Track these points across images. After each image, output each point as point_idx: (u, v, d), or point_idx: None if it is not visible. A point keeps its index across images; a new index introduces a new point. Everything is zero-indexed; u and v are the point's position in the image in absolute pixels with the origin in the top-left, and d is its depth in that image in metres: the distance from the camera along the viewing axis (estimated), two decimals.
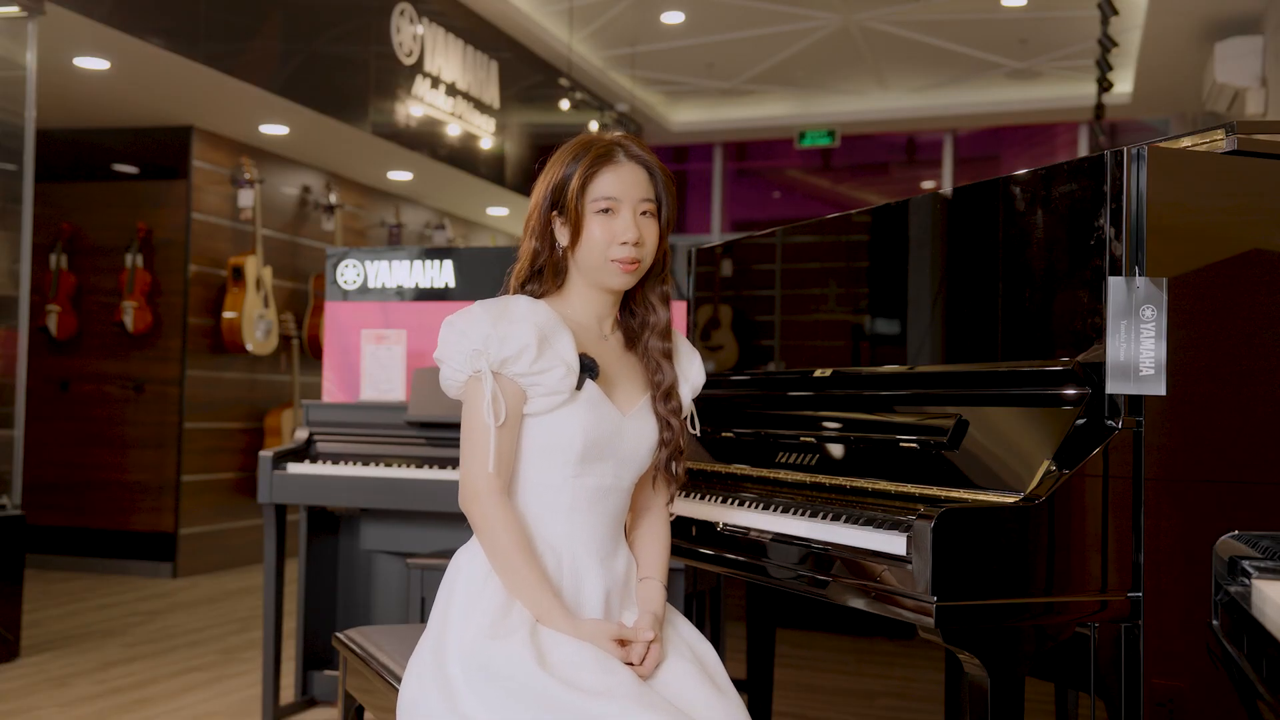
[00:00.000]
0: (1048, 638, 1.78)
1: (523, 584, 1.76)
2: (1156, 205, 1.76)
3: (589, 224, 1.83)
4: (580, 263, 1.86)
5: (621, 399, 1.88)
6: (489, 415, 1.75)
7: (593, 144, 1.87)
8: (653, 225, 1.86)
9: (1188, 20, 6.81)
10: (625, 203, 1.83)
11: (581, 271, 1.87)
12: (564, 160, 1.86)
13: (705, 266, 2.95)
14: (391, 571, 3.80)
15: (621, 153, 1.86)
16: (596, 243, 1.82)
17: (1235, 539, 1.56)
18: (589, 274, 1.86)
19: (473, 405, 1.79)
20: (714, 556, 2.14)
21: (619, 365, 1.91)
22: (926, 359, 2.19)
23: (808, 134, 10.09)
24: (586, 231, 1.83)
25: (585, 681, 1.66)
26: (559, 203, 1.85)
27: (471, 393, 1.79)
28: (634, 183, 1.85)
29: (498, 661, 1.68)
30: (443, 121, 7.64)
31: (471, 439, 1.79)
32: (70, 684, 4.04)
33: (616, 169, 1.84)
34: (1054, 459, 1.74)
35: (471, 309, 1.82)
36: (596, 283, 1.87)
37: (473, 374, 1.78)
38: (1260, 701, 1.24)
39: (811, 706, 2.60)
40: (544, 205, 1.87)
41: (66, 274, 6.56)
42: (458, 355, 1.78)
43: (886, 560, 1.71)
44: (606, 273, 1.84)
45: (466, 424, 1.80)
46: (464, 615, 1.76)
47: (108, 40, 5.13)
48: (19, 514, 4.48)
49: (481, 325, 1.77)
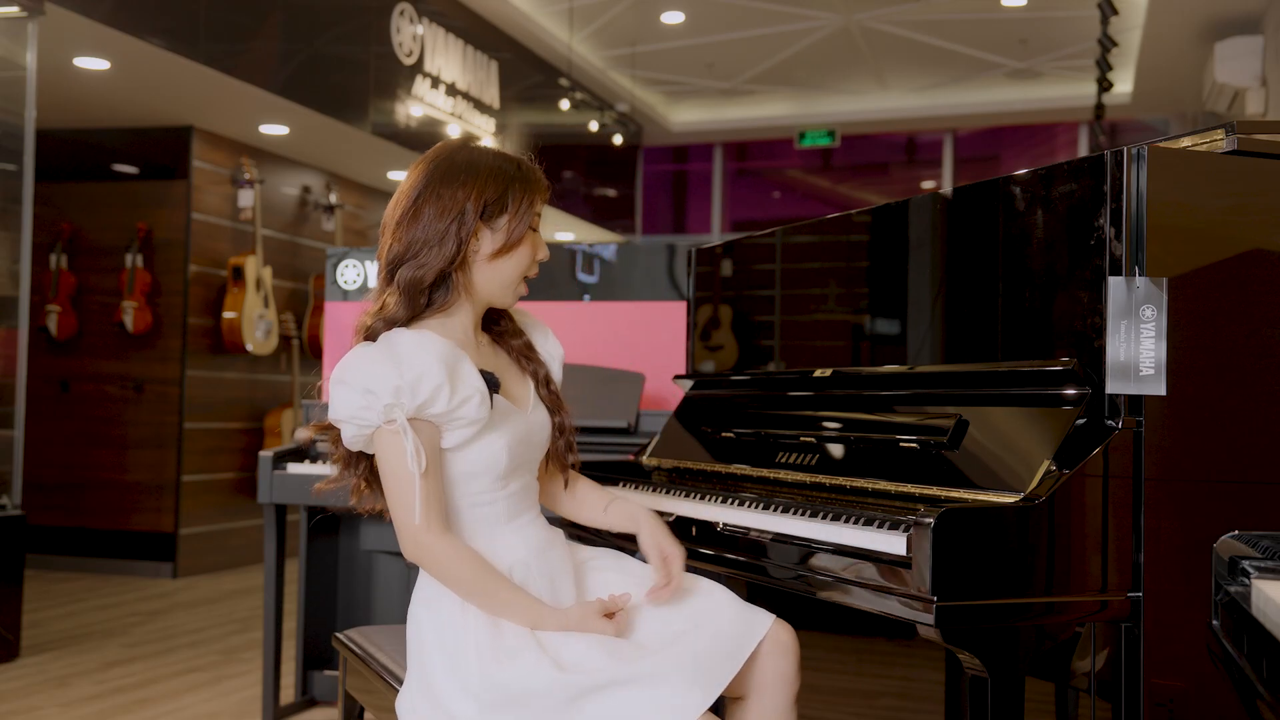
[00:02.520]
0: (1048, 638, 1.78)
1: (504, 603, 1.74)
2: (1156, 205, 1.76)
3: (525, 243, 1.81)
4: (485, 277, 1.80)
5: (516, 396, 1.88)
6: (414, 465, 1.68)
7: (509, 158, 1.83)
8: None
9: (1188, 20, 6.81)
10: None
11: (479, 287, 1.81)
12: (508, 175, 1.80)
13: (705, 266, 2.95)
14: (391, 571, 3.80)
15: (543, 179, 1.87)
16: (522, 261, 1.81)
17: (1235, 539, 1.56)
18: (489, 291, 1.82)
19: (392, 455, 1.70)
20: (714, 556, 2.14)
21: (498, 364, 1.90)
22: (926, 359, 2.19)
23: (808, 134, 10.09)
24: (519, 250, 1.80)
25: (600, 669, 1.68)
26: (493, 214, 1.78)
27: (387, 445, 1.70)
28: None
29: (518, 684, 1.66)
30: (443, 121, 7.64)
31: (399, 489, 1.71)
32: (70, 684, 4.04)
33: (542, 194, 1.85)
34: (1054, 459, 1.74)
35: (359, 360, 1.71)
36: (491, 300, 1.84)
37: (384, 425, 1.69)
38: (1260, 701, 1.24)
39: (811, 706, 2.60)
40: (472, 210, 1.76)
41: (66, 274, 6.57)
42: (368, 411, 1.68)
43: (887, 560, 1.71)
44: (509, 293, 1.83)
45: (390, 475, 1.71)
46: (454, 658, 1.73)
47: (108, 40, 5.13)
48: (19, 514, 4.48)
49: (386, 376, 1.67)
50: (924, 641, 1.80)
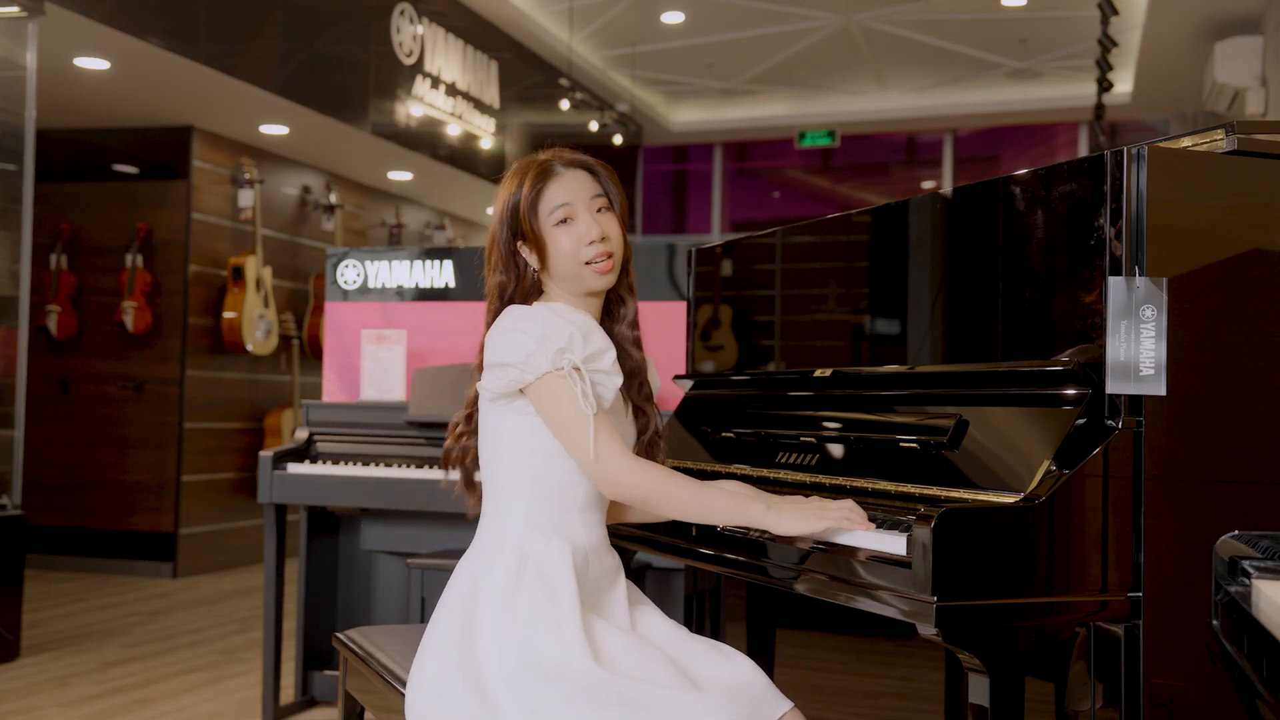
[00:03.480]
0: (1048, 638, 1.78)
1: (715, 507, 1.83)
2: (1156, 205, 1.76)
3: (552, 238, 1.88)
4: (557, 276, 1.90)
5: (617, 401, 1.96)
6: (588, 405, 1.77)
7: (529, 165, 1.93)
8: (611, 219, 1.92)
9: (1188, 20, 6.81)
10: (578, 205, 1.88)
11: (561, 285, 1.90)
12: (508, 189, 1.91)
13: (705, 266, 2.95)
14: (392, 572, 3.80)
15: (558, 163, 1.92)
16: (565, 253, 1.87)
17: (1235, 539, 1.56)
18: (569, 284, 1.90)
19: (564, 400, 1.78)
20: (714, 556, 2.14)
21: None
22: (926, 359, 2.19)
23: (808, 134, 10.09)
24: (552, 246, 1.87)
25: (634, 670, 1.69)
26: (517, 229, 1.89)
27: (557, 390, 1.78)
28: (579, 185, 1.90)
29: (549, 658, 1.68)
30: (443, 121, 7.64)
31: (577, 430, 1.78)
32: (70, 684, 4.04)
33: (559, 179, 1.90)
34: (1054, 459, 1.74)
35: (534, 312, 1.82)
36: (578, 290, 1.91)
37: (553, 372, 1.77)
38: (1260, 701, 1.24)
39: (812, 706, 2.60)
40: (503, 237, 1.90)
41: (66, 274, 6.57)
42: (536, 358, 1.77)
43: (887, 560, 1.71)
44: (585, 278, 1.89)
45: (566, 420, 1.79)
46: (499, 615, 1.74)
47: (108, 40, 5.13)
48: (19, 514, 4.48)
49: (561, 324, 1.78)
50: (924, 641, 1.81)
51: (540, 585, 1.76)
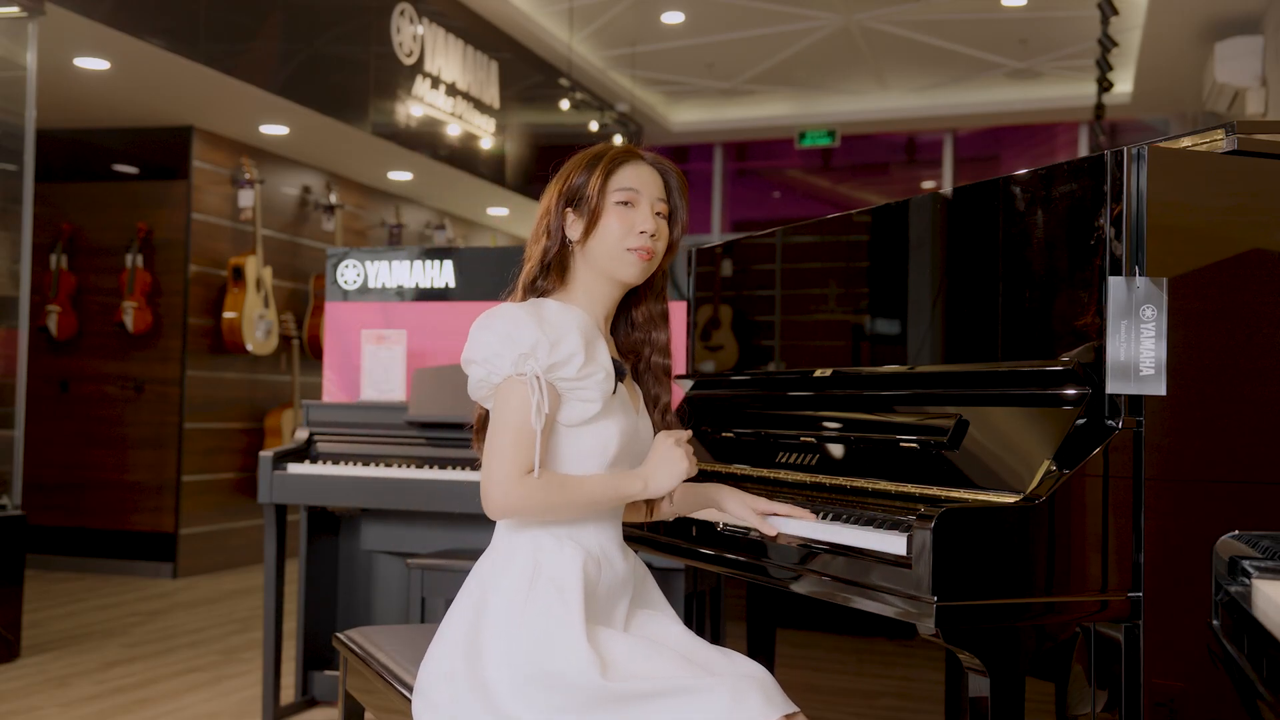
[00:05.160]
0: (1048, 638, 1.78)
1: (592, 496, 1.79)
2: (1156, 205, 1.76)
3: (608, 215, 1.87)
4: (592, 255, 1.87)
5: (631, 398, 1.94)
6: (536, 420, 1.73)
7: (611, 146, 1.94)
8: (664, 227, 1.92)
9: (1188, 20, 6.81)
10: (644, 196, 1.89)
11: (591, 264, 1.88)
12: (582, 163, 1.91)
13: (705, 266, 2.95)
14: (392, 572, 3.80)
15: (641, 155, 1.94)
16: (614, 233, 1.86)
17: (1235, 539, 1.56)
18: (602, 265, 1.88)
19: (510, 408, 1.76)
20: (714, 556, 2.15)
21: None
22: (927, 359, 2.19)
23: (808, 134, 10.09)
24: (604, 223, 1.86)
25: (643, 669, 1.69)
26: (576, 198, 1.88)
27: (511, 394, 1.76)
28: (652, 181, 1.91)
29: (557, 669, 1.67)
30: (443, 121, 7.64)
31: (508, 440, 1.75)
32: (71, 684, 4.04)
33: (637, 165, 1.91)
34: (1054, 459, 1.74)
35: (507, 311, 1.79)
36: (608, 274, 1.89)
37: (515, 376, 1.76)
38: (1260, 701, 1.24)
39: (812, 706, 2.60)
40: (557, 205, 1.89)
41: (66, 274, 6.57)
42: (501, 359, 1.75)
43: (887, 560, 1.71)
44: (622, 263, 1.87)
45: (504, 425, 1.76)
46: (509, 628, 1.74)
47: (108, 40, 5.13)
48: (19, 514, 4.48)
49: (528, 329, 1.75)
50: (924, 641, 1.81)
51: (551, 593, 1.75)
